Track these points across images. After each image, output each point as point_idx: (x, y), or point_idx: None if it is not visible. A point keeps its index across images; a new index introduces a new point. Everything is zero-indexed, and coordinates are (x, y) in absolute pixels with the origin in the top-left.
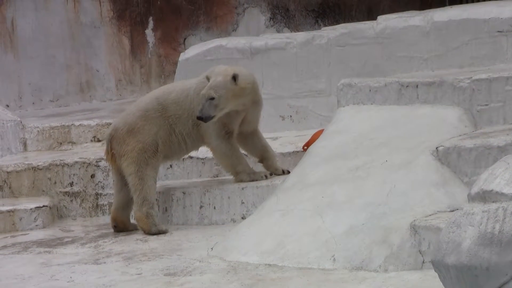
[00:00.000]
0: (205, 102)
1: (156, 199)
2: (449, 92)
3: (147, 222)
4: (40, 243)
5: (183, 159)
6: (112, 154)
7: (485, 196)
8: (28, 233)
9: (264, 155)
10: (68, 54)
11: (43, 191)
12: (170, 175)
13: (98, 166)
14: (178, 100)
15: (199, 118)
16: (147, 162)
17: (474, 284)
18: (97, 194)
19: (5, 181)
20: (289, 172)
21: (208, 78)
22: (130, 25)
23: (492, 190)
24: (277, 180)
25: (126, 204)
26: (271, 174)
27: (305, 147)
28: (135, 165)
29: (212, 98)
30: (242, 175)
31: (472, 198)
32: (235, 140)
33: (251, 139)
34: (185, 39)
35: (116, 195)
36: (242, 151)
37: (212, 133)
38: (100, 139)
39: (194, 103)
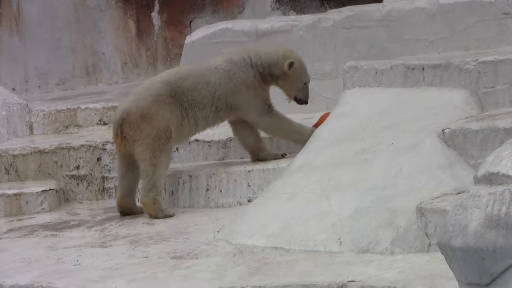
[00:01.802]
0: None
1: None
2: (455, 75)
3: (154, 208)
4: (46, 227)
5: (189, 142)
6: (122, 138)
7: (491, 179)
8: (34, 217)
9: (261, 145)
10: (74, 37)
11: (49, 174)
12: (176, 158)
13: (105, 149)
14: (196, 86)
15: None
16: (161, 148)
17: (480, 266)
18: (103, 177)
19: (11, 165)
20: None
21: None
22: (136, 8)
23: (498, 173)
24: (283, 163)
25: (130, 189)
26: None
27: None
28: (150, 152)
29: None
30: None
31: (478, 181)
32: (277, 111)
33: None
34: (191, 22)
35: (119, 180)
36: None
37: (254, 111)
38: (106, 122)
39: (222, 90)
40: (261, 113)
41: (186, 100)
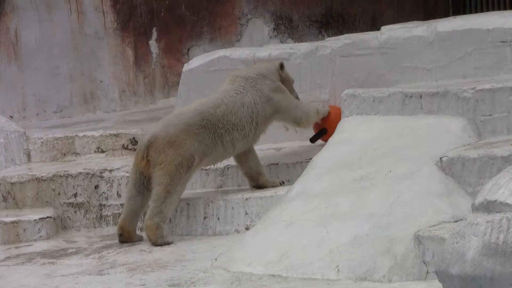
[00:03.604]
0: None
1: None
2: (453, 103)
3: (156, 232)
4: (44, 254)
5: None
6: (147, 161)
7: (489, 206)
8: (32, 244)
9: (260, 170)
10: (72, 65)
11: (47, 202)
12: None
13: (102, 177)
14: (232, 111)
15: None
16: (180, 177)
17: None
18: (101, 205)
19: (9, 192)
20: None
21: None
22: (134, 36)
23: (496, 201)
24: (281, 190)
25: (135, 213)
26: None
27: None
28: (169, 178)
29: None
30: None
31: (476, 209)
32: None
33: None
34: (188, 49)
35: (126, 202)
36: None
37: (290, 108)
38: (104, 150)
39: (258, 106)
40: (296, 105)
41: (221, 126)
